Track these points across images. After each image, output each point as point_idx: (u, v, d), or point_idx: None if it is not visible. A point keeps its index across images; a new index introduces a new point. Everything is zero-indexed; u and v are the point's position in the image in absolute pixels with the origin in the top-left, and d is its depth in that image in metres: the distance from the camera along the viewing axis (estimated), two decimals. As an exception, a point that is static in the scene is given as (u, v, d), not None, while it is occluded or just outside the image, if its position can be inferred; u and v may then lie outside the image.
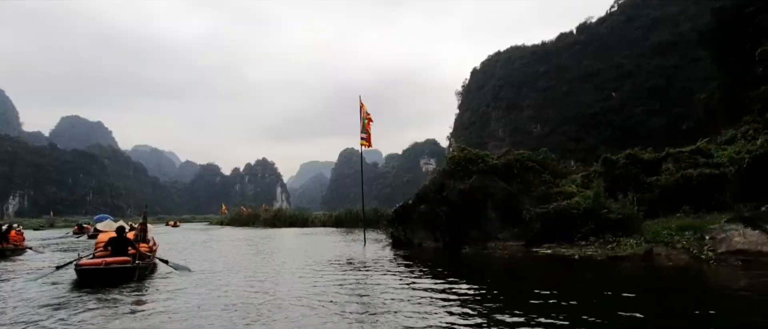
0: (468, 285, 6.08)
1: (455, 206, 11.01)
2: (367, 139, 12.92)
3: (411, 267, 8.15)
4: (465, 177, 11.58)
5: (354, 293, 6.00)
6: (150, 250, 9.13)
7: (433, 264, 8.70)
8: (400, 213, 12.47)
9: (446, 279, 6.66)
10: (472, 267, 8.49)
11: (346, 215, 34.91)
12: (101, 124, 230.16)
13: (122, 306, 5.45)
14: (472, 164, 11.86)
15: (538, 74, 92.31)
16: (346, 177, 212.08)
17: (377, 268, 8.19)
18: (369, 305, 5.19)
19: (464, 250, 10.06)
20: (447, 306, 4.97)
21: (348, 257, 10.07)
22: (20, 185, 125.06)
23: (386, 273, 7.50)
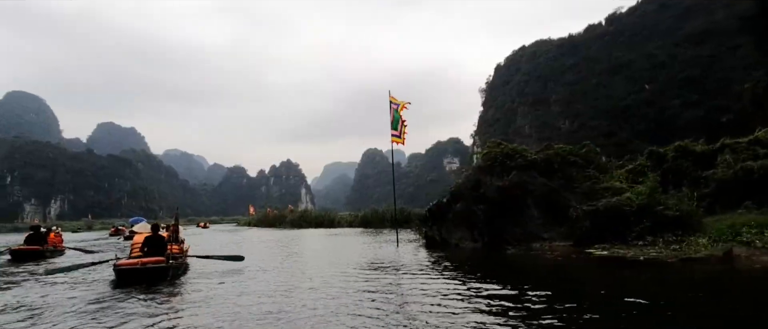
0: (527, 291, 5.46)
1: (493, 204, 10.37)
2: (399, 135, 12.37)
3: (452, 270, 7.57)
4: (502, 173, 10.93)
5: (392, 297, 5.57)
6: (181, 251, 9.23)
7: (476, 266, 8.08)
8: (434, 212, 11.89)
9: (496, 283, 6.05)
10: (522, 270, 7.73)
11: (372, 215, 34.52)
12: (134, 130, 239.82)
13: (158, 304, 5.62)
14: (509, 159, 11.19)
15: (566, 68, 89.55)
16: (370, 177, 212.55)
17: (415, 271, 7.68)
18: (412, 312, 4.71)
19: (509, 251, 9.33)
20: (508, 315, 4.43)
21: (382, 259, 9.63)
22: (61, 189, 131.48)
23: (427, 276, 6.98)
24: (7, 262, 12.89)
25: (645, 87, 70.10)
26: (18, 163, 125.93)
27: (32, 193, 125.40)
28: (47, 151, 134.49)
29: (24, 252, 13.74)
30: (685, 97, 60.69)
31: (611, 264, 7.59)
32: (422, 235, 12.90)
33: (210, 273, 8.50)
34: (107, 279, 7.69)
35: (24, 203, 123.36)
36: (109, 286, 7.07)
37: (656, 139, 42.05)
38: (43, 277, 8.66)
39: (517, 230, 9.86)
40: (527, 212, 9.93)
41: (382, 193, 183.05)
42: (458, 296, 5.43)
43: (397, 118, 12.35)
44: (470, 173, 11.91)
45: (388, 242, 14.27)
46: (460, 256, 9.46)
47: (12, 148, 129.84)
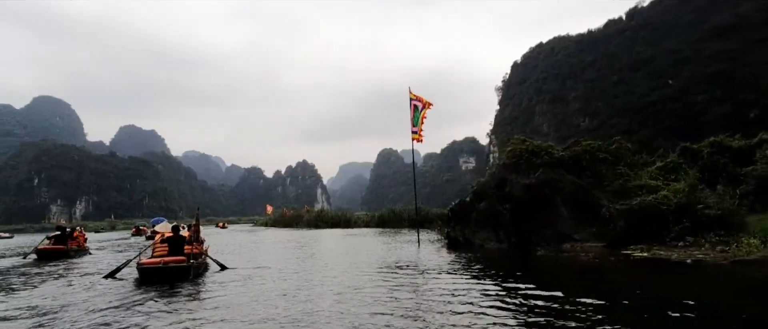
0: (569, 295, 5.08)
1: (519, 203, 9.94)
2: (418, 132, 12.04)
3: (481, 271, 7.20)
4: (528, 171, 10.49)
5: (420, 299, 5.30)
6: (201, 251, 9.31)
7: (505, 268, 7.65)
8: (457, 212, 11.50)
9: (532, 286, 5.66)
10: (558, 273, 7.25)
11: (389, 215, 34.24)
12: (155, 133, 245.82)
13: (179, 302, 5.73)
14: (535, 156, 10.73)
15: (585, 64, 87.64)
16: (385, 177, 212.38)
17: (441, 272, 7.35)
18: (443, 315, 4.41)
19: (539, 252, 8.85)
20: (556, 320, 4.08)
21: (404, 259, 9.33)
22: (86, 191, 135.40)
23: (454, 278, 6.65)
24: (34, 261, 13.30)
25: (669, 83, 67.90)
26: (45, 165, 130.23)
27: (58, 194, 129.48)
28: (72, 154, 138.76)
29: (49, 251, 14.13)
30: (710, 93, 58.52)
31: (655, 266, 7.08)
32: (444, 236, 12.53)
33: (230, 272, 8.53)
34: (131, 278, 7.85)
35: (50, 204, 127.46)
36: (133, 284, 7.21)
37: (680, 136, 40.54)
38: (67, 275, 8.99)
39: (546, 230, 9.41)
40: (556, 211, 9.46)
41: (398, 193, 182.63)
42: (493, 299, 5.10)
43: (418, 116, 12.03)
44: (494, 171, 11.48)
45: (409, 242, 13.94)
46: (486, 257, 9.04)
47: (39, 151, 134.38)
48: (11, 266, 12.08)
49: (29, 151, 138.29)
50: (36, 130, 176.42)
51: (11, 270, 11.00)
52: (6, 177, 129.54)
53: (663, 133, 56.04)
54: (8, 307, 5.79)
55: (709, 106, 56.80)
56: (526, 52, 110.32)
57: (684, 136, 35.81)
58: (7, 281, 8.56)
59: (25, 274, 9.67)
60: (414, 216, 31.28)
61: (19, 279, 8.79)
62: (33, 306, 5.83)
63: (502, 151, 11.47)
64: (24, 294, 6.82)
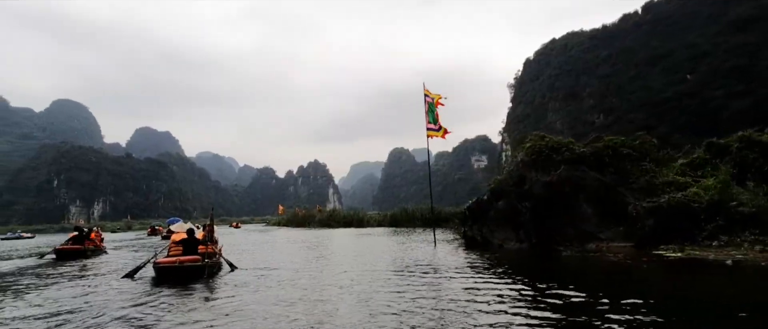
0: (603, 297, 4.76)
1: (540, 201, 9.59)
2: (438, 129, 11.75)
3: (504, 272, 6.89)
4: (548, 167, 10.14)
5: (441, 302, 5.05)
6: (215, 251, 9.39)
7: (528, 269, 7.32)
8: (474, 211, 11.19)
9: (561, 288, 5.34)
10: (587, 274, 6.79)
11: (402, 214, 33.98)
12: (169, 134, 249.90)
13: (194, 300, 5.87)
14: (555, 153, 10.37)
15: (599, 60, 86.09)
16: (396, 176, 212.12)
17: (462, 273, 7.07)
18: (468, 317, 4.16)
19: (565, 253, 8.48)
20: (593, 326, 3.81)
21: (420, 260, 9.08)
22: (103, 192, 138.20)
23: (475, 279, 6.37)
24: (52, 260, 13.66)
25: (687, 77, 66.18)
26: (64, 167, 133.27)
27: (77, 195, 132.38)
28: (90, 156, 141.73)
29: (67, 251, 14.41)
30: (730, 87, 56.83)
31: (691, 268, 6.66)
32: (461, 235, 12.23)
33: (243, 272, 8.57)
34: (148, 277, 8.01)
35: (70, 205, 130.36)
36: (149, 283, 7.36)
37: (699, 131, 39.33)
38: (85, 274, 9.26)
39: (569, 229, 9.05)
40: (579, 210, 9.10)
41: (409, 193, 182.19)
42: (522, 301, 4.83)
43: (432, 112, 11.75)
44: (512, 168, 11.14)
45: (424, 242, 13.68)
46: (507, 257, 8.73)
47: (58, 153, 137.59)
48: (32, 265, 12.33)
49: (49, 153, 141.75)
50: (55, 133, 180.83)
51: (32, 269, 11.26)
52: (27, 179, 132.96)
53: (680, 129, 54.59)
54: (29, 305, 5.95)
55: (728, 101, 55.18)
56: (539, 48, 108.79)
57: (702, 131, 34.69)
58: (28, 280, 8.83)
59: (45, 273, 9.91)
60: (427, 215, 31.08)
61: (39, 278, 9.01)
62: (52, 304, 5.97)
63: (520, 147, 11.06)
64: (44, 293, 6.97)
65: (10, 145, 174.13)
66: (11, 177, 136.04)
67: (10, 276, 9.76)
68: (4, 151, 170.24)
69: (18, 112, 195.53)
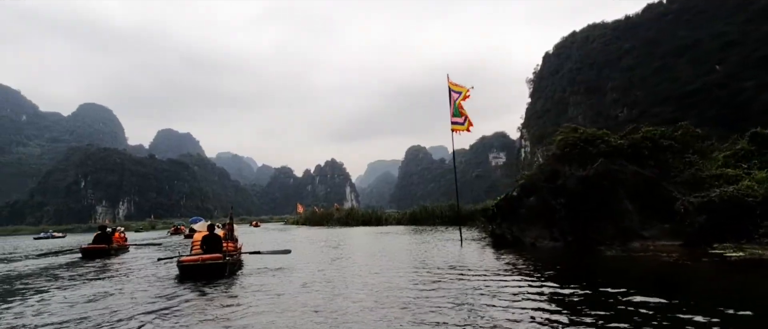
0: (672, 304, 4.23)
1: (575, 197, 9.00)
2: (463, 122, 11.24)
3: (540, 274, 6.35)
4: (583, 161, 9.53)
5: (472, 305, 4.62)
6: (235, 249, 9.69)
7: (569, 270, 6.73)
8: (503, 208, 10.64)
9: (611, 293, 4.80)
10: (638, 277, 5.98)
11: (421, 212, 33.50)
12: (190, 135, 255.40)
13: (217, 296, 6.07)
14: (590, 145, 9.75)
15: (622, 52, 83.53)
16: (414, 174, 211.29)
17: (493, 275, 6.61)
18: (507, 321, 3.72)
19: (608, 252, 7.84)
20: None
21: (447, 259, 8.62)
22: (128, 192, 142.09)
23: (509, 282, 5.89)
24: (79, 259, 14.04)
25: (715, 68, 63.41)
26: (91, 168, 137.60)
27: (103, 196, 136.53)
28: (115, 157, 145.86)
29: (92, 250, 14.83)
30: (761, 78, 54.13)
31: (758, 269, 5.94)
32: (488, 233, 11.69)
33: (263, 270, 8.74)
34: (172, 274, 8.31)
35: (96, 205, 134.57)
36: (173, 280, 7.61)
37: (729, 124, 37.41)
38: (109, 272, 9.78)
39: (608, 227, 8.44)
40: (619, 206, 8.47)
41: (427, 190, 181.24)
42: (577, 306, 4.33)
43: (456, 105, 11.25)
44: (543, 163, 10.55)
45: (449, 241, 13.18)
46: (542, 257, 8.16)
47: (85, 155, 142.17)
48: (59, 264, 12.69)
49: (76, 155, 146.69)
50: (82, 136, 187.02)
51: (59, 267, 11.60)
52: (56, 181, 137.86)
53: (709, 122, 52.11)
54: (58, 301, 6.18)
55: (760, 92, 52.56)
56: (559, 41, 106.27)
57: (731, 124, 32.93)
58: (56, 277, 9.18)
59: (71, 271, 10.28)
60: (448, 213, 30.52)
61: (66, 276, 9.35)
62: (79, 300, 6.22)
63: (553, 141, 10.41)
64: (71, 290, 7.24)
65: (40, 148, 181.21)
66: (42, 179, 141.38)
67: (39, 273, 10.18)
68: (34, 154, 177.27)
69: (47, 116, 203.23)
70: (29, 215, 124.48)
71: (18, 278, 9.47)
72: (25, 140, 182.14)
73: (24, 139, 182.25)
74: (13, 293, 7.26)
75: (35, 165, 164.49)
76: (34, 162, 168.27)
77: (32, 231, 79.18)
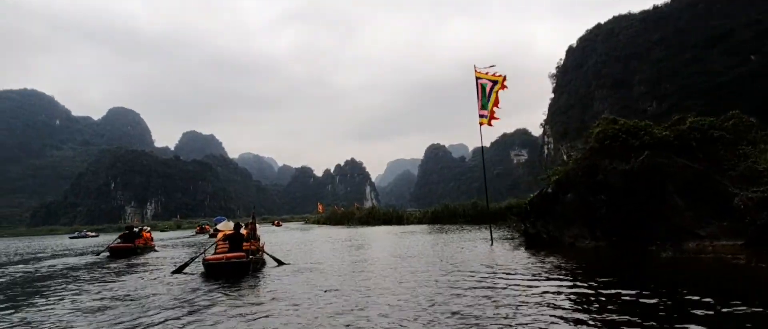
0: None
1: (618, 192, 8.34)
2: (488, 116, 10.67)
3: (587, 277, 5.80)
4: (625, 154, 8.85)
5: (511, 312, 4.14)
6: (258, 248, 9.79)
7: (621, 274, 6.04)
8: (537, 205, 10.04)
9: (682, 302, 4.26)
10: (709, 285, 5.04)
11: (443, 211, 32.89)
12: (213, 137, 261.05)
13: (241, 294, 6.19)
14: (633, 137, 9.06)
15: (651, 44, 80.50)
16: (433, 173, 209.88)
17: (534, 277, 6.09)
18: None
19: (664, 254, 7.16)
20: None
21: (479, 261, 8.16)
22: (155, 193, 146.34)
23: (556, 285, 5.38)
24: (107, 258, 14.56)
25: (750, 58, 60.16)
26: (120, 170, 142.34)
27: (132, 197, 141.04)
28: (142, 159, 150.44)
29: (120, 249, 15.31)
30: (798, 68, 51.09)
31: None
32: (520, 232, 11.09)
33: (285, 268, 8.85)
34: (198, 272, 8.55)
35: (125, 205, 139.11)
36: (200, 278, 7.86)
37: (765, 116, 35.28)
38: (136, 270, 10.03)
39: (657, 225, 7.76)
40: (668, 202, 7.77)
41: (447, 189, 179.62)
42: (636, 314, 3.82)
43: (485, 96, 10.68)
44: (580, 157, 9.90)
45: (477, 241, 12.65)
46: (585, 258, 7.53)
47: (114, 158, 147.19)
48: (88, 263, 13.11)
49: (106, 158, 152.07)
50: (111, 139, 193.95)
51: (88, 266, 11.98)
52: (88, 182, 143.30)
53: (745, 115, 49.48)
54: (88, 298, 6.41)
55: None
56: (583, 34, 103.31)
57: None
58: (86, 275, 9.60)
59: (101, 269, 10.69)
60: (471, 212, 29.82)
61: (95, 273, 9.79)
62: (108, 297, 6.44)
63: (589, 135, 9.64)
64: (100, 287, 7.51)
65: (73, 151, 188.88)
66: (74, 181, 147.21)
67: (70, 271, 10.61)
68: (68, 156, 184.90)
69: (79, 120, 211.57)
70: (63, 215, 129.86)
71: (55, 274, 9.97)
72: (58, 143, 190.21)
73: (58, 142, 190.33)
74: (51, 288, 7.65)
75: (68, 167, 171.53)
76: (67, 164, 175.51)
77: (66, 231, 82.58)
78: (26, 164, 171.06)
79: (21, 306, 6.09)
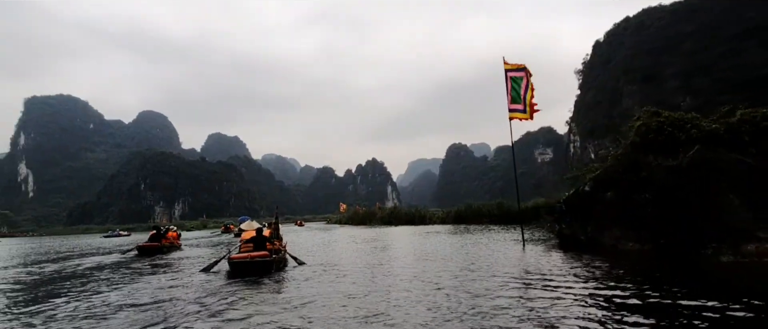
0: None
1: (664, 191, 7.68)
2: (523, 109, 10.15)
3: (639, 287, 5.31)
4: (671, 149, 8.17)
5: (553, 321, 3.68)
6: (280, 247, 9.95)
7: (677, 280, 5.44)
8: (574, 204, 9.46)
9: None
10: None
11: (467, 211, 32.24)
12: (238, 138, 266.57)
13: (265, 291, 6.38)
14: (679, 130, 8.37)
15: (683, 36, 77.13)
16: (455, 172, 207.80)
17: (576, 283, 5.61)
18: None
19: (723, 258, 6.43)
20: None
21: (511, 264, 7.69)
22: (182, 193, 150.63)
23: (603, 293, 4.92)
24: (135, 256, 14.93)
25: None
26: (149, 171, 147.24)
27: (160, 197, 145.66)
28: (170, 161, 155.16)
29: (147, 248, 15.68)
30: (840, 59, 47.77)
31: None
32: (554, 233, 10.50)
33: (307, 267, 8.99)
34: (223, 271, 8.73)
35: (154, 206, 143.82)
36: (225, 276, 8.06)
37: None
38: (163, 268, 10.33)
39: (711, 226, 7.09)
40: (722, 201, 7.10)
41: (469, 189, 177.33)
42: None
43: (515, 89, 10.16)
44: (619, 153, 9.24)
45: (506, 242, 12.09)
46: (631, 262, 6.93)
47: (144, 160, 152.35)
48: (117, 261, 13.61)
49: (137, 160, 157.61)
50: (141, 141, 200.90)
51: (118, 264, 12.39)
52: (120, 183, 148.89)
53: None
54: (117, 295, 6.59)
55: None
56: (610, 28, 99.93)
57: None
58: (115, 273, 9.97)
59: (129, 267, 11.05)
60: (496, 212, 29.07)
61: (124, 271, 10.12)
62: (136, 294, 6.61)
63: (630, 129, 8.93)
64: (129, 285, 7.72)
65: (105, 154, 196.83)
66: (107, 183, 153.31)
67: (99, 269, 11.00)
68: (101, 159, 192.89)
69: (111, 124, 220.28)
70: (97, 215, 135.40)
71: (88, 272, 10.44)
72: (92, 146, 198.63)
73: (92, 145, 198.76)
74: (84, 284, 7.96)
75: (102, 169, 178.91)
76: (100, 166, 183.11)
77: (100, 230, 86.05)
78: (64, 166, 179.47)
79: (52, 300, 6.35)
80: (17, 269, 12.17)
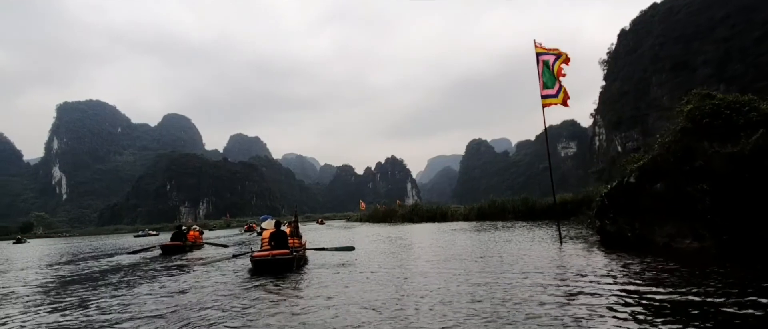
0: None
1: (724, 181, 6.85)
2: (556, 94, 9.41)
3: (713, 291, 4.65)
4: (728, 135, 7.33)
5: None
6: (300, 245, 10.12)
7: (752, 286, 4.70)
8: (617, 197, 8.64)
9: None
10: None
11: (490, 207, 31.31)
12: (258, 139, 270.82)
13: (287, 288, 6.48)
14: (737, 114, 7.51)
15: (715, 21, 73.64)
16: (475, 168, 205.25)
17: (631, 285, 4.97)
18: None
19: None
20: None
21: (550, 264, 7.05)
22: (206, 193, 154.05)
23: (670, 299, 4.27)
24: (159, 255, 15.24)
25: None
26: (174, 173, 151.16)
27: (185, 197, 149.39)
28: (194, 162, 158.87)
29: (170, 247, 15.93)
30: None
31: None
32: (595, 230, 9.71)
33: (326, 265, 9.06)
34: (246, 268, 9.03)
35: (180, 206, 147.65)
36: (248, 273, 8.29)
37: None
38: (186, 266, 10.70)
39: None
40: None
41: (490, 184, 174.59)
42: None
43: (548, 74, 9.43)
44: (668, 139, 8.40)
45: (540, 240, 11.34)
46: (691, 263, 6.12)
47: (170, 161, 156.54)
48: (142, 259, 14.07)
49: (163, 161, 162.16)
50: (166, 144, 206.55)
51: (142, 262, 12.81)
52: (147, 185, 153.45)
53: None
54: (141, 292, 6.80)
55: None
56: (637, 16, 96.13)
57: None
58: (140, 270, 10.41)
59: (154, 266, 11.40)
60: (520, 208, 28.06)
61: (148, 270, 10.48)
62: (161, 290, 6.85)
63: (678, 112, 8.16)
64: (153, 282, 7.99)
65: (133, 156, 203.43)
66: (135, 184, 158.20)
67: (125, 267, 11.44)
68: (129, 161, 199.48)
69: (138, 127, 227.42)
70: (126, 216, 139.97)
71: (111, 271, 10.87)
72: (120, 149, 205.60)
73: (120, 148, 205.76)
74: (108, 284, 8.26)
75: (130, 171, 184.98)
76: (128, 168, 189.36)
77: (129, 230, 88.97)
78: (94, 169, 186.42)
79: (81, 298, 6.64)
80: (70, 266, 13.18)
